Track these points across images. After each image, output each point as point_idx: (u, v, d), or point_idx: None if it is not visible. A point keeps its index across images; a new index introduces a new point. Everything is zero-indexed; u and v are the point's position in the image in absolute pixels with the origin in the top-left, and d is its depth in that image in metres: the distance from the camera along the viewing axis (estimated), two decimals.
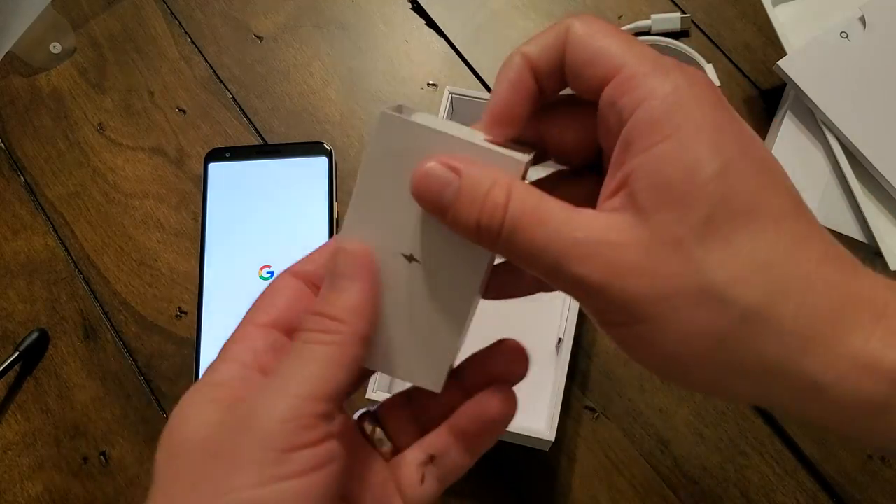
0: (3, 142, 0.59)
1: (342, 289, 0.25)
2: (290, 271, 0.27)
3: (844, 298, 0.20)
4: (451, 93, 0.51)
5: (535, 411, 0.46)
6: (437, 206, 0.23)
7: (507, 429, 0.41)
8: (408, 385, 0.27)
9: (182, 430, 0.24)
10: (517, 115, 0.24)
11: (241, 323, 0.26)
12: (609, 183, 0.22)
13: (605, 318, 0.22)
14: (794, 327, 0.20)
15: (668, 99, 0.21)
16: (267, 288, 0.27)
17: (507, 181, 0.22)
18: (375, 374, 0.43)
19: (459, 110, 0.52)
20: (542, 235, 0.22)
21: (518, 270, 0.24)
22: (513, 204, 0.22)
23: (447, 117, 0.50)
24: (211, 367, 0.25)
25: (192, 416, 0.24)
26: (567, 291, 0.23)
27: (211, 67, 0.60)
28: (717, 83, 0.54)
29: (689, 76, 0.22)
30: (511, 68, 0.24)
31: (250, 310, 0.26)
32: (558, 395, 0.43)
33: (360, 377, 0.27)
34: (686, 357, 0.21)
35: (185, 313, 0.53)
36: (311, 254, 0.28)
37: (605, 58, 0.22)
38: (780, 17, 0.53)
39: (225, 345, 0.26)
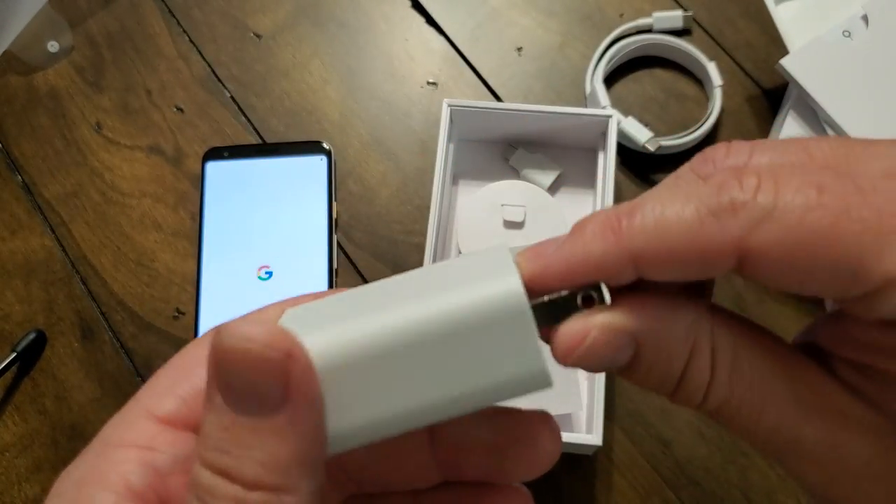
0: (0, 141, 0.58)
1: (266, 426, 0.15)
2: (227, 332, 0.15)
3: None
4: (449, 105, 0.50)
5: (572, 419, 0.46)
6: (610, 369, 0.17)
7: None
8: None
9: None
10: None
11: (132, 403, 0.18)
12: (845, 346, 0.16)
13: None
14: None
15: None
16: (184, 350, 0.19)
17: (710, 339, 0.16)
18: None
19: (458, 121, 0.51)
20: (758, 428, 0.16)
21: None
22: (719, 381, 0.16)
23: (447, 129, 0.50)
24: (79, 482, 0.17)
25: None
26: (787, 470, 0.17)
27: (209, 66, 0.60)
28: (720, 82, 0.54)
29: None
30: (598, 257, 0.16)
31: (149, 383, 0.18)
32: (599, 396, 0.43)
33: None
34: None
35: (183, 314, 0.53)
36: (258, 313, 0.19)
37: (866, 262, 0.14)
38: (783, 16, 0.52)
39: (99, 444, 0.17)
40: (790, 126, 0.51)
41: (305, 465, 0.15)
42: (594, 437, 0.42)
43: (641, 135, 0.53)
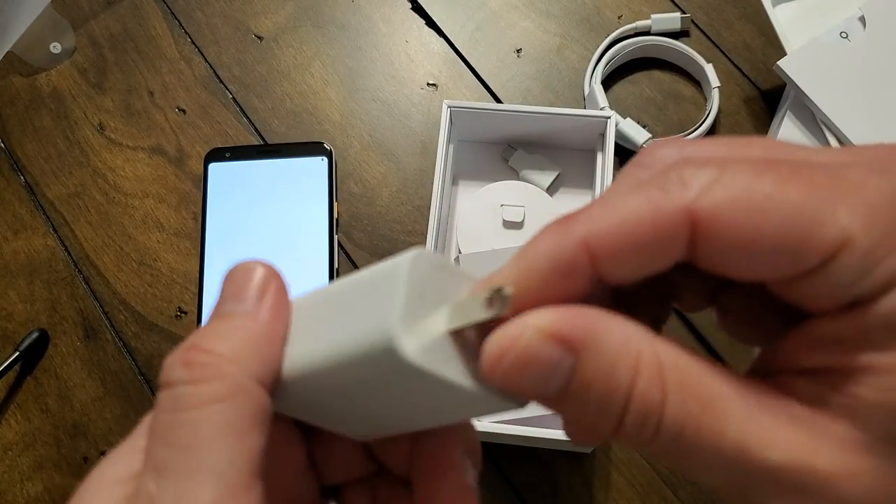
0: (2, 142, 0.59)
1: (226, 314, 0.17)
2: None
3: None
4: (448, 106, 0.51)
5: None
6: (532, 395, 0.16)
7: (551, 437, 0.41)
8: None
9: None
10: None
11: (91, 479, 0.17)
12: (798, 353, 0.15)
13: None
14: None
15: None
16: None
17: (656, 357, 0.15)
18: None
19: (458, 122, 0.52)
20: (723, 449, 0.14)
21: None
22: (673, 402, 0.14)
23: (447, 130, 0.50)
24: None
25: None
26: None
27: (211, 67, 0.60)
28: (718, 83, 0.54)
29: None
30: (550, 255, 0.16)
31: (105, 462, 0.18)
32: None
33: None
34: None
35: (185, 313, 0.53)
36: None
37: (808, 238, 0.14)
38: (780, 17, 0.53)
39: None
40: (787, 127, 0.51)
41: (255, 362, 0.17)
42: None
43: (639, 136, 0.53)
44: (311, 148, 0.56)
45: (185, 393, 0.16)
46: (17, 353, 0.51)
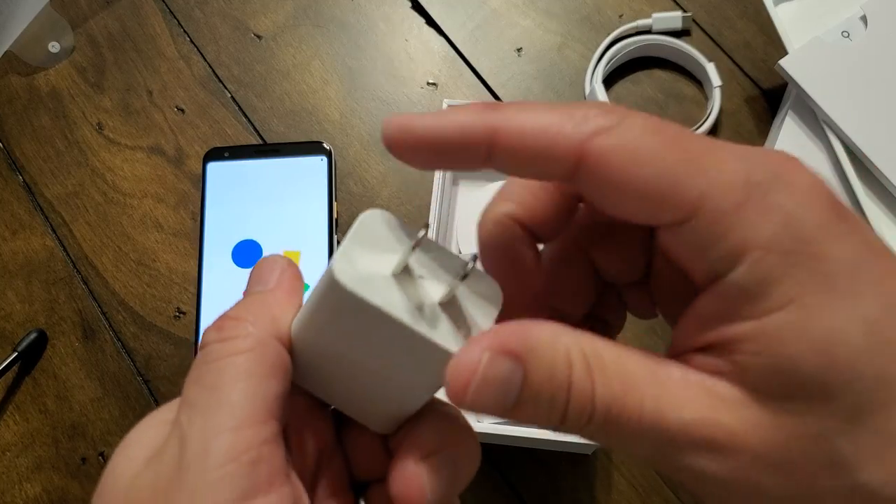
0: (1, 141, 0.59)
1: (248, 294, 0.22)
2: None
3: None
4: (449, 105, 0.50)
5: None
6: (495, 412, 0.17)
7: (551, 438, 0.41)
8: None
9: (112, 477, 0.20)
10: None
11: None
12: (692, 331, 0.18)
13: None
14: None
15: (779, 245, 0.16)
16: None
17: (581, 351, 0.17)
18: None
19: None
20: (643, 421, 0.17)
21: None
22: (599, 387, 0.17)
23: None
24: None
25: (122, 462, 0.20)
26: (680, 479, 0.18)
27: (210, 66, 0.60)
28: (719, 82, 0.54)
29: (796, 187, 0.16)
30: (460, 123, 0.18)
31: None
32: None
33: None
34: None
35: (184, 313, 0.53)
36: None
37: (672, 193, 0.17)
38: (782, 16, 0.52)
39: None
40: (789, 126, 0.51)
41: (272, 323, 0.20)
42: None
43: None
44: (310, 147, 0.56)
45: (215, 348, 0.19)
46: (16, 354, 0.50)
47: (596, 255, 0.22)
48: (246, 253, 0.53)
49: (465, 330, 0.19)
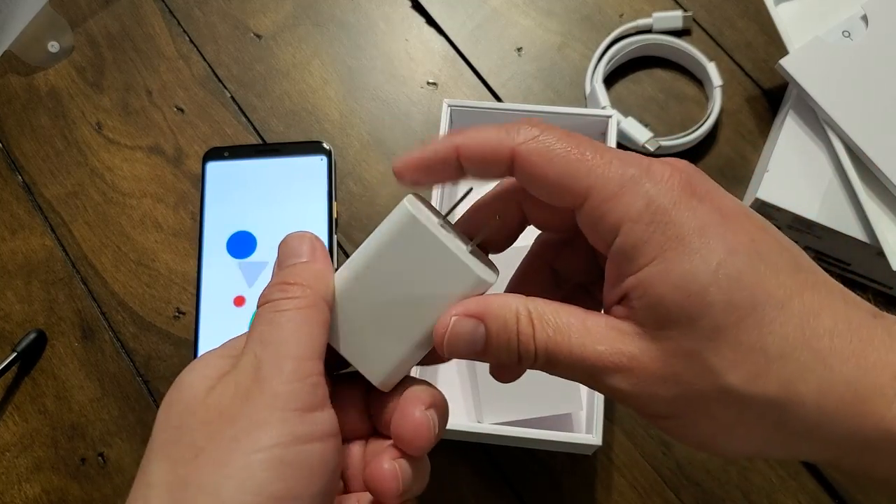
0: (0, 141, 0.58)
1: (294, 263, 0.26)
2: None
3: (861, 371, 0.21)
4: (449, 105, 0.50)
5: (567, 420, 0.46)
6: (469, 356, 0.24)
7: (552, 438, 0.41)
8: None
9: (188, 388, 0.24)
10: (425, 180, 0.27)
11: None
12: (608, 292, 0.24)
13: (643, 413, 0.24)
14: (816, 408, 0.21)
15: (643, 218, 0.22)
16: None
17: (527, 309, 0.24)
18: None
19: (458, 121, 0.51)
20: (572, 354, 0.23)
21: None
22: (539, 332, 0.24)
23: (447, 129, 0.50)
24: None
25: (197, 377, 0.24)
26: (606, 395, 0.24)
27: (209, 66, 0.60)
28: (720, 82, 0.54)
29: (658, 178, 0.23)
30: (436, 149, 0.25)
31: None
32: (599, 396, 0.43)
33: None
34: (720, 442, 0.23)
35: (184, 314, 0.53)
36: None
37: (569, 184, 0.23)
38: (782, 16, 0.52)
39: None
40: (790, 126, 0.51)
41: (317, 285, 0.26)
42: (594, 437, 0.42)
43: (641, 135, 0.53)
44: (310, 147, 0.56)
45: (282, 303, 0.25)
46: (15, 354, 0.50)
47: (557, 265, 0.29)
48: (240, 244, 0.53)
49: (485, 271, 0.25)
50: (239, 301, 0.52)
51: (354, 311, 0.26)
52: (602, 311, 0.25)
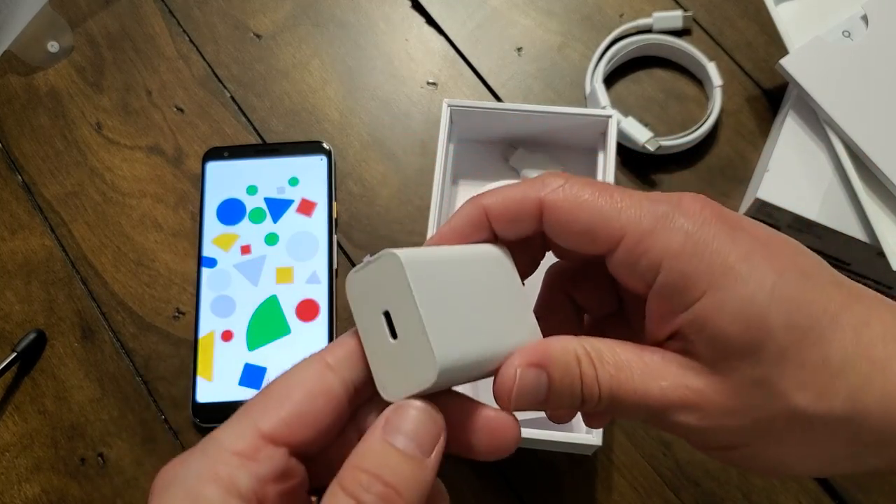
0: (0, 141, 0.58)
1: (406, 452, 0.21)
2: (317, 357, 0.23)
3: None
4: (449, 105, 0.50)
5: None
6: (532, 407, 0.23)
7: (552, 438, 0.41)
8: None
9: None
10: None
11: (243, 413, 0.22)
12: (656, 328, 0.24)
13: (707, 447, 0.24)
14: (882, 416, 0.22)
15: (685, 252, 0.22)
16: (292, 370, 0.23)
17: (584, 349, 0.23)
18: None
19: (458, 121, 0.51)
20: (636, 392, 0.23)
21: None
22: (601, 373, 0.23)
23: (447, 129, 0.50)
24: (192, 476, 0.20)
25: None
26: (669, 432, 0.24)
27: (209, 66, 0.60)
28: (720, 82, 0.54)
29: (691, 212, 0.23)
30: (465, 214, 0.25)
31: (259, 396, 0.22)
32: None
33: None
34: (789, 464, 0.23)
35: (183, 314, 0.53)
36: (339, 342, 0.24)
37: (602, 227, 0.23)
38: (783, 16, 0.52)
39: (211, 446, 0.21)
40: (790, 126, 0.51)
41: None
42: (594, 438, 0.42)
43: (641, 135, 0.53)
44: (309, 147, 0.56)
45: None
46: (15, 354, 0.50)
47: (575, 296, 0.28)
48: (230, 210, 0.53)
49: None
50: None
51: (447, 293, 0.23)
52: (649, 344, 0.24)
